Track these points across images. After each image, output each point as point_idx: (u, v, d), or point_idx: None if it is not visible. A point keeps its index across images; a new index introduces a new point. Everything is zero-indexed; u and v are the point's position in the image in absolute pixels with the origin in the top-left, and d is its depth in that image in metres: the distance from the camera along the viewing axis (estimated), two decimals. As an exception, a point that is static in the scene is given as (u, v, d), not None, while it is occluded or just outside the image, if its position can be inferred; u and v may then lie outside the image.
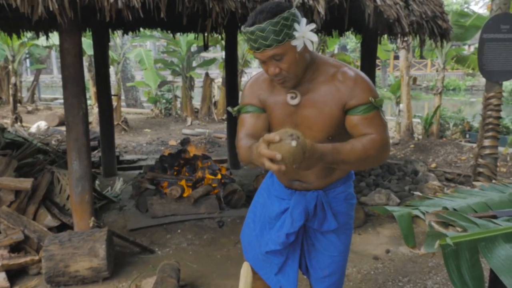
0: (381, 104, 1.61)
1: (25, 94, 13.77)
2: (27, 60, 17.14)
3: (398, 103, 8.80)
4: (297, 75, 1.55)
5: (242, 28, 1.51)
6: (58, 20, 2.59)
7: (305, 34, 1.47)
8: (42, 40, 8.48)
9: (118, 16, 2.76)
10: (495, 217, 1.92)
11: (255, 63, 20.46)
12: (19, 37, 5.90)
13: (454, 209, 2.01)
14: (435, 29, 3.67)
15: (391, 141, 8.17)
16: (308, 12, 2.81)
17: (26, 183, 3.63)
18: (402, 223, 1.97)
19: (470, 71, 23.28)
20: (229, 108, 1.76)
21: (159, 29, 6.50)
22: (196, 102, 12.05)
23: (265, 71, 1.57)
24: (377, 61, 24.81)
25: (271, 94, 1.68)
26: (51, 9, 2.49)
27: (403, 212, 2.03)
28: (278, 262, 1.85)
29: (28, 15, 2.55)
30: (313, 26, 1.47)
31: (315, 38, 1.48)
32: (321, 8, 2.78)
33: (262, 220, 1.93)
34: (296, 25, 1.46)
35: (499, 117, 4.16)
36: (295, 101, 1.62)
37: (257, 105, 1.70)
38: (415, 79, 9.57)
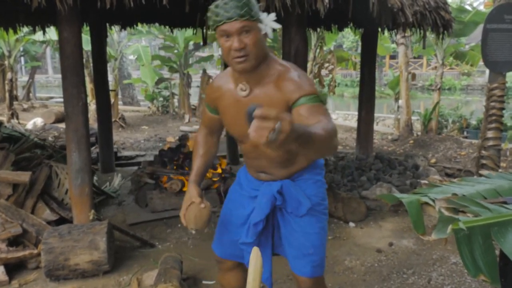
0: (324, 99, 1.65)
1: (20, 93, 13.66)
2: (22, 59, 17.03)
3: (397, 99, 8.79)
4: (257, 57, 1.61)
5: (211, 5, 1.57)
6: (57, 6, 2.54)
7: (268, 21, 1.61)
8: (38, 35, 8.41)
9: (117, 6, 2.71)
10: (505, 203, 1.89)
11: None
12: (15, 32, 5.84)
13: (464, 196, 1.98)
14: (438, 20, 3.64)
15: (390, 137, 8.16)
16: (313, 0, 2.78)
17: (24, 177, 3.58)
18: (412, 210, 1.94)
19: (466, 71, 23.39)
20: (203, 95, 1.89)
21: (157, 24, 6.45)
22: (194, 100, 12.00)
23: (226, 49, 1.59)
24: (374, 60, 24.93)
25: (224, 97, 1.79)
26: (50, -5, 2.44)
27: (412, 199, 2.00)
28: (249, 252, 1.84)
29: (28, 2, 2.49)
30: (274, 16, 1.61)
31: (278, 25, 1.61)
32: (325, -4, 2.74)
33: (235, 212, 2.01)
34: (260, 13, 1.60)
35: (503, 108, 4.12)
36: (244, 93, 1.70)
37: (213, 107, 1.89)
38: (414, 75, 9.56)
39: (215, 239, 2.11)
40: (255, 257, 1.53)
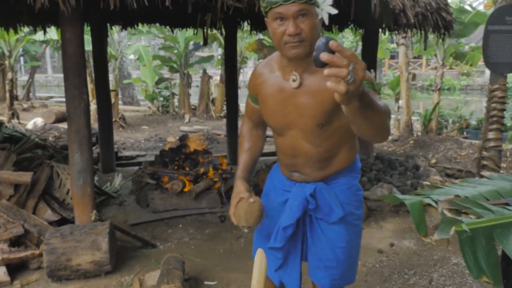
0: (379, 88, 1.60)
1: (20, 93, 13.65)
2: (21, 58, 17.01)
3: (397, 100, 8.80)
4: (311, 43, 1.49)
5: None
6: (60, 7, 2.54)
7: (325, 6, 1.47)
8: (39, 35, 8.41)
9: (120, 6, 2.71)
10: (507, 204, 1.90)
11: (251, 62, 20.43)
12: (16, 32, 5.85)
13: (466, 197, 1.99)
14: (439, 21, 3.65)
15: (390, 137, 8.17)
16: (314, 1, 2.78)
17: (25, 177, 3.58)
18: (414, 211, 1.94)
19: (465, 71, 23.41)
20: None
21: (157, 24, 6.45)
22: (194, 100, 12.00)
23: (279, 35, 1.49)
24: (373, 60, 24.93)
25: (264, 85, 1.69)
26: (54, -3, 2.44)
27: (414, 200, 2.00)
28: (280, 257, 1.81)
29: (31, 2, 2.50)
30: (331, 1, 1.47)
31: (335, 11, 1.47)
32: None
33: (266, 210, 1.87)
34: None
35: (504, 109, 4.14)
36: (295, 84, 1.59)
37: (253, 95, 1.79)
38: (414, 76, 9.57)
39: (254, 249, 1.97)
40: (259, 259, 1.53)
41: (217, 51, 18.54)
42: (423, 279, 3.05)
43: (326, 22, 1.49)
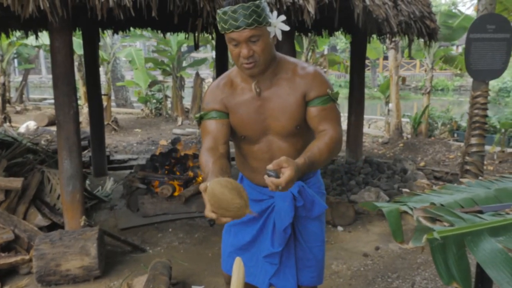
0: (336, 97, 1.73)
1: (13, 95, 13.64)
2: (15, 60, 16.98)
3: (387, 103, 8.89)
4: (266, 62, 1.62)
5: (219, 10, 1.56)
6: (49, 18, 2.59)
7: (277, 23, 1.57)
8: (31, 40, 8.42)
9: (109, 15, 2.77)
10: (481, 212, 1.96)
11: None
12: (7, 36, 5.86)
13: (442, 205, 2.05)
14: (423, 29, 3.72)
15: (380, 140, 8.24)
16: (298, 11, 2.85)
17: (16, 183, 3.62)
18: (391, 219, 2.00)
19: (459, 72, 23.62)
20: (192, 115, 1.81)
21: (149, 28, 6.50)
22: (187, 102, 12.03)
23: (235, 55, 1.60)
24: (367, 62, 25.02)
25: (234, 96, 1.74)
26: (42, 7, 2.49)
27: (391, 207, 2.06)
28: (277, 262, 1.87)
29: (18, 11, 2.55)
30: (283, 17, 1.57)
31: (286, 27, 1.58)
32: (311, 7, 2.81)
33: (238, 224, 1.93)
34: (270, 14, 1.58)
35: (486, 116, 4.23)
36: (257, 92, 1.70)
37: (221, 109, 1.74)
38: (404, 79, 9.67)
39: (223, 260, 2.07)
40: (237, 267, 1.58)
41: (212, 53, 18.56)
42: (405, 282, 3.11)
43: (280, 38, 1.59)
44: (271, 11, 1.63)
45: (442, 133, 8.58)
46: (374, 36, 5.17)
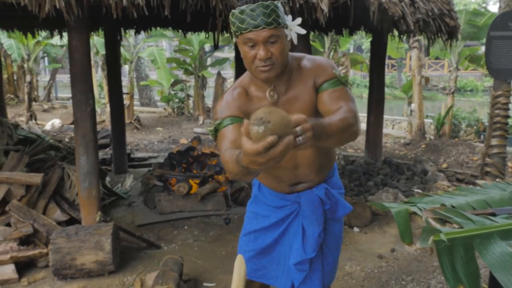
0: (346, 79, 1.64)
1: (42, 93, 14.03)
2: (45, 59, 17.45)
3: (410, 103, 8.73)
4: (282, 66, 1.54)
5: (234, 10, 1.48)
6: (65, 17, 2.65)
7: (293, 26, 1.51)
8: (57, 39, 8.64)
9: (127, 14, 2.81)
10: (493, 214, 1.90)
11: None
12: (33, 36, 6.03)
13: (452, 206, 2.00)
14: (442, 27, 3.64)
15: (402, 141, 8.11)
16: (312, 10, 2.82)
17: (36, 178, 3.72)
18: (399, 220, 1.96)
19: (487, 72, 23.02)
20: (208, 129, 1.73)
21: (170, 28, 6.57)
22: (209, 102, 12.11)
23: (249, 58, 1.50)
24: (393, 62, 24.56)
25: (251, 103, 1.64)
26: (57, 7, 2.55)
27: (400, 208, 2.02)
28: (307, 268, 1.82)
29: (35, 11, 2.61)
30: (299, 20, 1.51)
31: (303, 31, 1.52)
32: (324, 5, 2.79)
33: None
34: (286, 17, 1.51)
35: (507, 116, 4.10)
36: (274, 99, 1.62)
37: (239, 115, 1.60)
38: (427, 79, 9.47)
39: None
40: (239, 265, 1.59)
41: (233, 53, 18.60)
42: (420, 286, 3.05)
43: (295, 42, 1.53)
44: (286, 13, 1.55)
45: (468, 134, 8.37)
46: (395, 35, 5.09)
